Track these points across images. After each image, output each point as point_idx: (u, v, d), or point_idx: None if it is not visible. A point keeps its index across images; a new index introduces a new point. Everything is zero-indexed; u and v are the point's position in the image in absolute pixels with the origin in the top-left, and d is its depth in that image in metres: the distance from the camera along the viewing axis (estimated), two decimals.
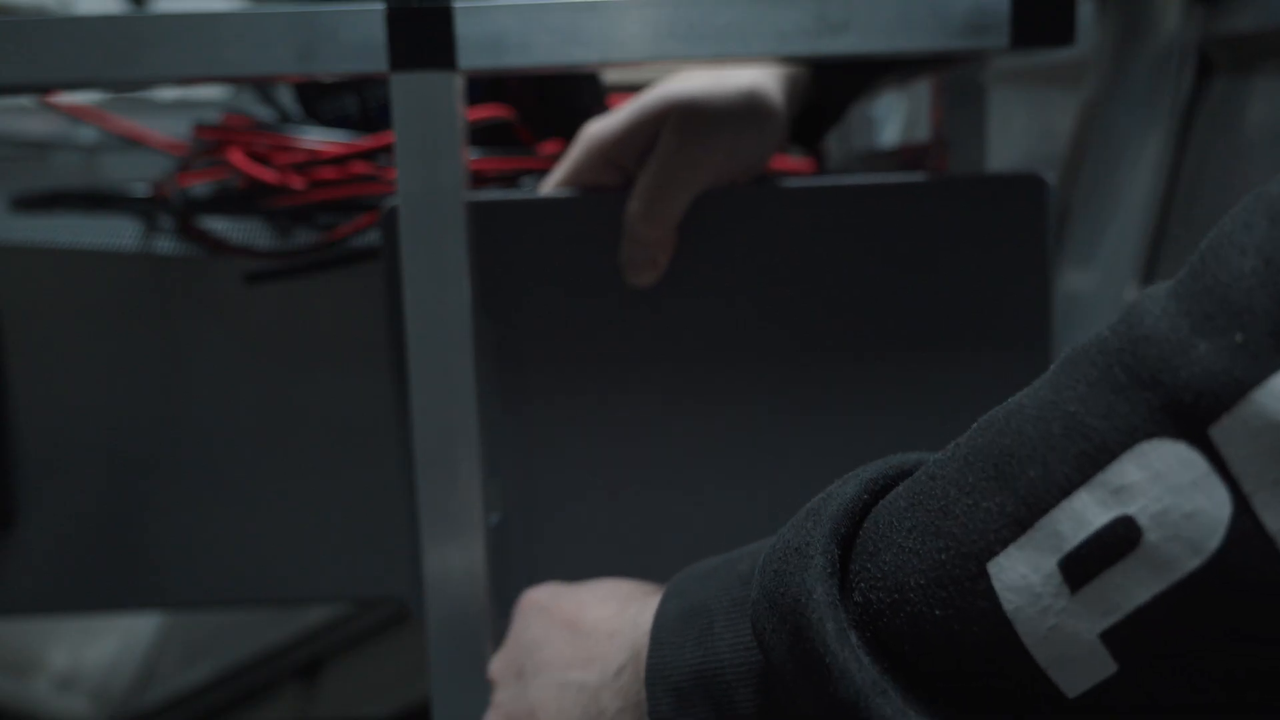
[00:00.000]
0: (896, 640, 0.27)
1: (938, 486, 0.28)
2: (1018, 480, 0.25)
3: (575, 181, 0.53)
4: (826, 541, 0.29)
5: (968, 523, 0.26)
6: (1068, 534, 0.24)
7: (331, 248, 0.58)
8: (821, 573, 0.28)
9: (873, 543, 0.29)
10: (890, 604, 0.27)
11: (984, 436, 0.27)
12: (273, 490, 0.59)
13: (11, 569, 0.60)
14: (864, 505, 0.30)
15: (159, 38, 0.44)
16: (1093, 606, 0.24)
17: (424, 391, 0.47)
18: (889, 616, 0.27)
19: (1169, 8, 0.82)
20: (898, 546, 0.28)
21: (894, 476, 0.31)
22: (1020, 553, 0.25)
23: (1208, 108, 0.78)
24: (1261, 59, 0.72)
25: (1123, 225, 0.86)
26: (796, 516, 0.31)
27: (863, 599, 0.28)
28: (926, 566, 0.27)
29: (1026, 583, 0.25)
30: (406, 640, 1.27)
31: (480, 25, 0.44)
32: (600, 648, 0.38)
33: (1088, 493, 0.24)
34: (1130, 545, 0.23)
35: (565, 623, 0.40)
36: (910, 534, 0.27)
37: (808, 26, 0.44)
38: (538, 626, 0.41)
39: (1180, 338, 0.23)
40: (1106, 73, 0.89)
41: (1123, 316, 0.25)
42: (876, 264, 0.52)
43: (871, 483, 0.31)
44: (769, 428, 0.53)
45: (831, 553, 0.29)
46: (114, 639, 1.21)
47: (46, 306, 0.59)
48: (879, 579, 0.28)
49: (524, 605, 0.43)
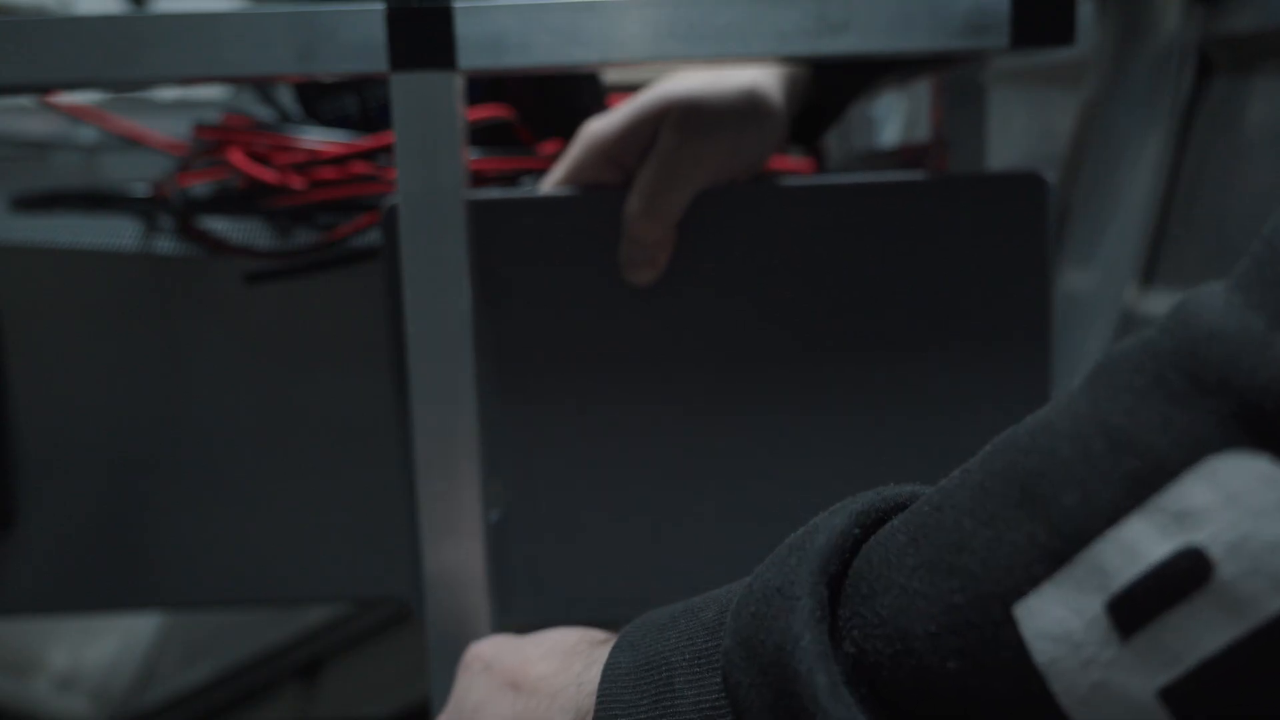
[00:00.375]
0: (899, 699, 0.24)
1: (947, 518, 0.24)
2: (1051, 507, 0.21)
3: (575, 179, 0.53)
4: (814, 581, 0.25)
5: (988, 559, 0.22)
6: (1117, 569, 0.20)
7: (331, 248, 0.58)
8: (810, 617, 0.24)
9: (867, 584, 0.25)
10: (891, 655, 0.24)
11: (1003, 458, 0.23)
12: (273, 490, 0.59)
13: (11, 569, 0.60)
14: (854, 541, 0.26)
15: (159, 38, 0.44)
16: (1149, 658, 0.20)
17: (424, 391, 0.47)
18: (889, 670, 0.24)
19: (1169, 8, 0.82)
20: (899, 588, 0.24)
21: (887, 510, 0.27)
22: (1057, 592, 0.21)
23: (1208, 108, 0.78)
24: (1261, 59, 0.72)
25: (1123, 225, 0.86)
26: (776, 553, 0.27)
27: (856, 649, 0.24)
28: (937, 611, 0.23)
29: (1065, 629, 0.21)
30: (406, 640, 1.27)
31: (480, 25, 0.44)
32: (541, 710, 0.33)
33: (1142, 519, 0.20)
34: (1198, 582, 0.20)
35: (508, 682, 0.36)
36: (915, 573, 0.24)
37: (808, 26, 0.44)
38: (479, 688, 0.37)
39: (1253, 334, 0.20)
40: (1106, 73, 0.90)
41: (1172, 315, 0.22)
42: (876, 263, 0.52)
43: (862, 515, 0.27)
44: (768, 426, 0.53)
45: (820, 594, 0.25)
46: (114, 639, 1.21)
47: (46, 306, 0.59)
48: (876, 625, 0.24)
49: (467, 661, 0.39)
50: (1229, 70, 0.76)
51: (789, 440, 0.53)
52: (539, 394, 0.52)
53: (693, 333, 0.52)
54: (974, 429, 0.53)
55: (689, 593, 0.32)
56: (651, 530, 0.53)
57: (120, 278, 0.59)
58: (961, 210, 0.51)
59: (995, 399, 0.52)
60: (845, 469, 0.53)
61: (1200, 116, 0.79)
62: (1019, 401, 0.52)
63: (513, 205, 0.51)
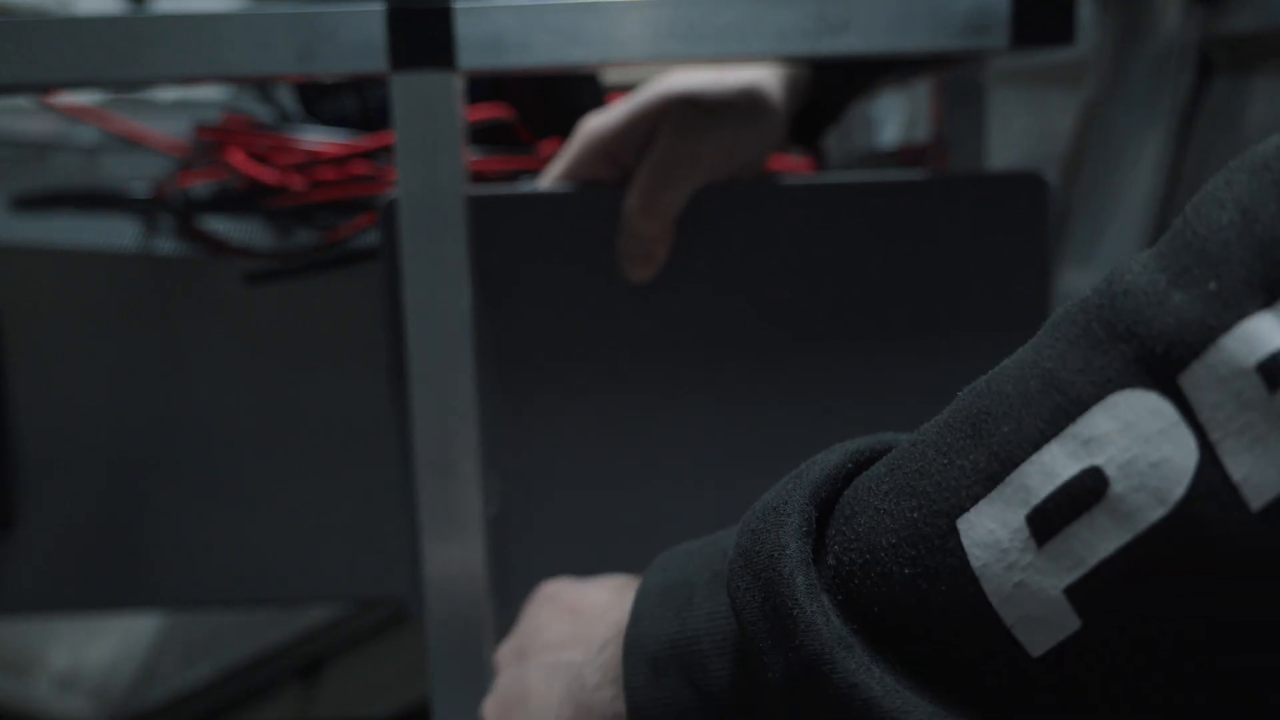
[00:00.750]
0: (866, 603, 0.27)
1: (917, 450, 0.27)
2: (991, 437, 0.25)
3: (573, 176, 0.53)
4: (804, 502, 0.29)
5: (941, 481, 0.26)
6: (1036, 487, 0.24)
7: (331, 248, 0.58)
8: (796, 531, 0.28)
9: (850, 507, 0.28)
10: (861, 565, 0.27)
11: (965, 399, 0.27)
12: (273, 490, 0.59)
13: (11, 569, 0.60)
14: (847, 474, 0.30)
15: (159, 38, 0.44)
16: (1058, 560, 0.23)
17: (424, 391, 0.47)
18: (859, 578, 0.27)
19: (1169, 8, 0.82)
20: (873, 509, 0.27)
21: (880, 450, 0.31)
22: (990, 508, 0.24)
23: (1208, 108, 0.78)
24: (1261, 59, 0.72)
25: (1123, 225, 0.86)
26: (780, 482, 0.31)
27: (835, 561, 0.28)
28: (898, 526, 0.26)
29: (994, 538, 0.24)
30: (406, 640, 1.27)
31: (480, 25, 0.44)
32: (591, 628, 0.38)
33: (1058, 445, 0.24)
34: (1096, 496, 0.23)
35: (568, 609, 0.41)
36: (886, 497, 0.27)
37: (808, 26, 0.44)
38: (543, 615, 0.41)
39: (1157, 290, 0.23)
40: (1106, 73, 0.90)
41: (1105, 276, 0.25)
42: (875, 262, 0.52)
43: (857, 453, 0.31)
44: (766, 423, 0.53)
45: (808, 512, 0.28)
46: (114, 639, 1.21)
47: (46, 306, 0.59)
48: (852, 540, 0.27)
49: (536, 596, 0.44)
50: (1229, 70, 0.76)
51: (787, 437, 0.53)
52: (537, 390, 0.52)
53: (691, 330, 0.52)
54: None
55: None
56: (650, 526, 0.53)
57: (120, 278, 0.59)
58: (961, 210, 0.51)
59: None
60: None
61: (1200, 116, 0.79)
62: None
63: (511, 201, 0.51)
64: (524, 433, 0.53)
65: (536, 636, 0.40)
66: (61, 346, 0.59)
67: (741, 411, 0.53)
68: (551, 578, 0.47)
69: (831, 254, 0.52)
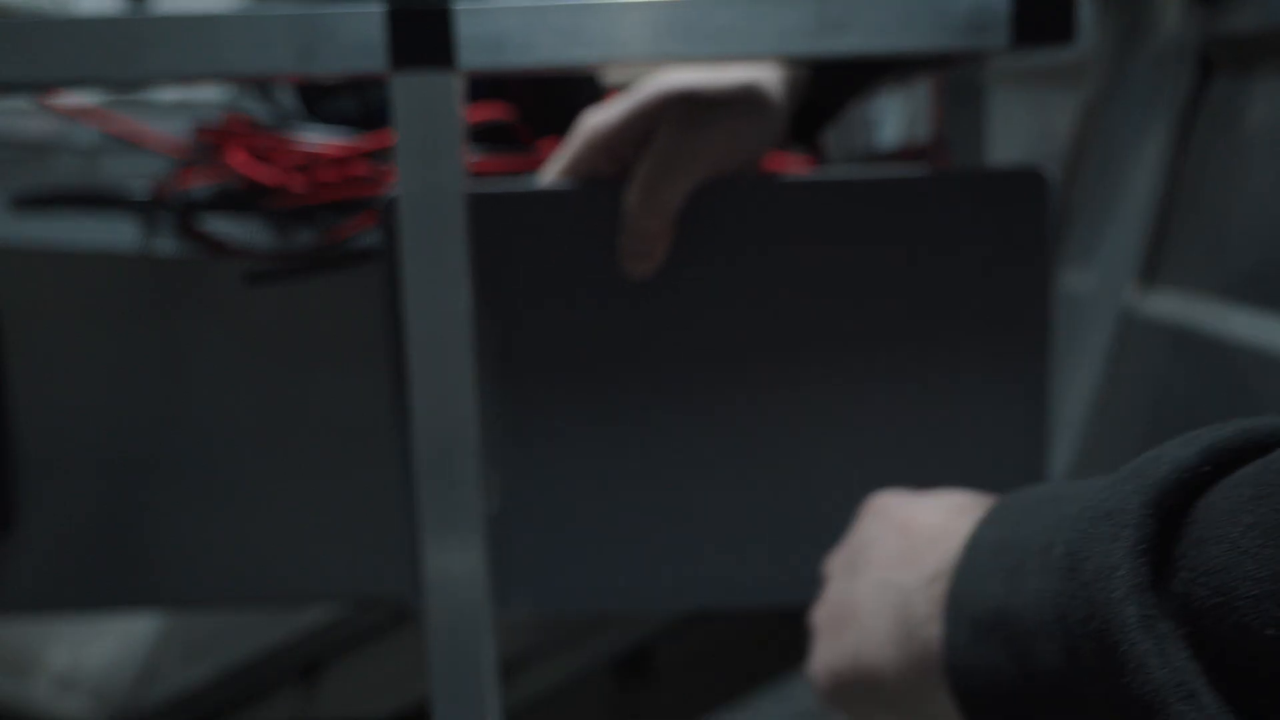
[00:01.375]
0: (1219, 646, 0.23)
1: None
2: None
3: (573, 172, 0.53)
4: (1142, 513, 0.24)
5: None
6: None
7: (331, 248, 0.58)
8: (1132, 549, 0.24)
9: (1202, 527, 0.24)
10: (1213, 606, 0.23)
11: None
12: (273, 490, 0.59)
13: (11, 569, 0.60)
14: (1203, 478, 0.25)
15: (159, 38, 0.44)
16: None
17: (424, 391, 0.47)
18: (1211, 619, 0.23)
19: (1169, 8, 0.82)
20: (1230, 543, 0.23)
21: (1245, 447, 0.26)
22: None
23: (1208, 108, 0.79)
24: (1261, 59, 0.73)
25: (1123, 225, 0.86)
26: (1120, 472, 0.26)
27: (1184, 590, 0.23)
28: (1265, 577, 0.22)
29: None
30: (406, 640, 1.27)
31: (480, 25, 0.44)
32: (922, 551, 0.36)
33: None
34: None
35: (898, 526, 0.39)
36: (1248, 531, 0.23)
37: (808, 26, 0.44)
38: (874, 527, 0.40)
39: None
40: (1106, 73, 0.90)
41: None
42: (875, 259, 0.52)
43: (1215, 451, 0.25)
44: (764, 420, 0.53)
45: (1148, 527, 0.24)
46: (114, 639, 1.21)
47: (46, 307, 0.59)
48: (1203, 574, 0.23)
49: (868, 508, 0.42)
50: (1229, 70, 0.76)
51: (785, 434, 0.53)
52: (537, 389, 0.52)
53: (690, 326, 0.52)
54: (974, 427, 0.53)
55: (686, 588, 0.33)
56: (649, 523, 0.53)
57: (120, 278, 0.59)
58: (961, 206, 0.51)
59: (995, 397, 0.52)
60: (842, 464, 0.53)
61: (1200, 116, 0.79)
62: (1018, 400, 0.52)
63: (511, 198, 0.51)
64: (524, 433, 0.53)
65: (866, 550, 0.39)
66: (61, 347, 0.59)
67: (739, 407, 0.53)
68: (551, 578, 0.48)
69: (831, 250, 0.52)
